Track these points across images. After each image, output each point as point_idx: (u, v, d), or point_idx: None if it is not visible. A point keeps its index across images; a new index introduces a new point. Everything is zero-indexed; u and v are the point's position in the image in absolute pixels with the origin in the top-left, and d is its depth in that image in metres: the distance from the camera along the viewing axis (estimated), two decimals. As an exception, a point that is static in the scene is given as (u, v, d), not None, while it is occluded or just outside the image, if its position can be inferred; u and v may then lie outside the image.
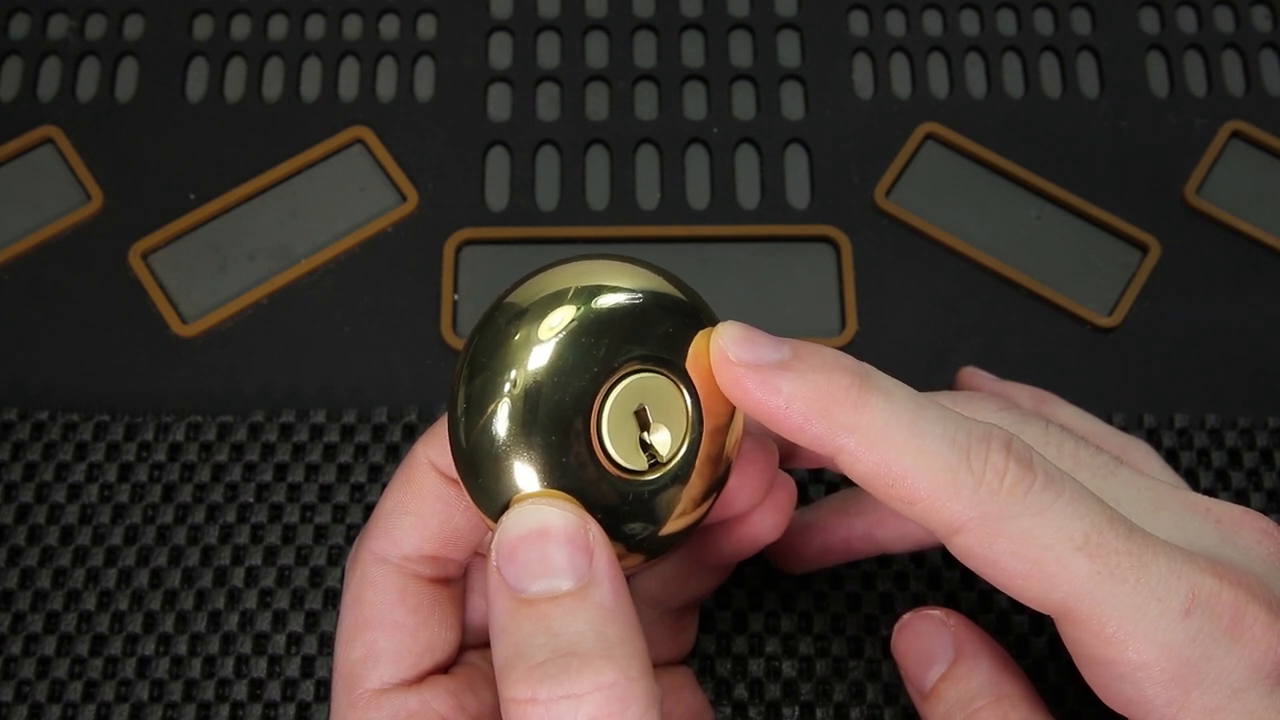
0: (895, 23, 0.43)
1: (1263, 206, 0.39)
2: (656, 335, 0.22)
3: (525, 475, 0.22)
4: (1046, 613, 0.22)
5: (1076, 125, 0.41)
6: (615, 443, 0.22)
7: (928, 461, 0.22)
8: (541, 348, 0.22)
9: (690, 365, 0.23)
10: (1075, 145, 0.40)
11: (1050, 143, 0.40)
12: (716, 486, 0.24)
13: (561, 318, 0.22)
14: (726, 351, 0.22)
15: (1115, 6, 0.43)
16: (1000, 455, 0.22)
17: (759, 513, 0.26)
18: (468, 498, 0.22)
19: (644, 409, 0.22)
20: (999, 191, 0.40)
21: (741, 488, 0.25)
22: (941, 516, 0.22)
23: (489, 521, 0.22)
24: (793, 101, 0.41)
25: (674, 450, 0.23)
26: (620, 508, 0.22)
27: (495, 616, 0.21)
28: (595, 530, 0.22)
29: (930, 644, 0.26)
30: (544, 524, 0.21)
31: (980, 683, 0.25)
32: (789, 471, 0.28)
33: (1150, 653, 0.21)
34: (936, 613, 0.26)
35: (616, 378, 0.22)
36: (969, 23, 0.43)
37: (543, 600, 0.21)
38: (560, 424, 0.22)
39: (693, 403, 0.23)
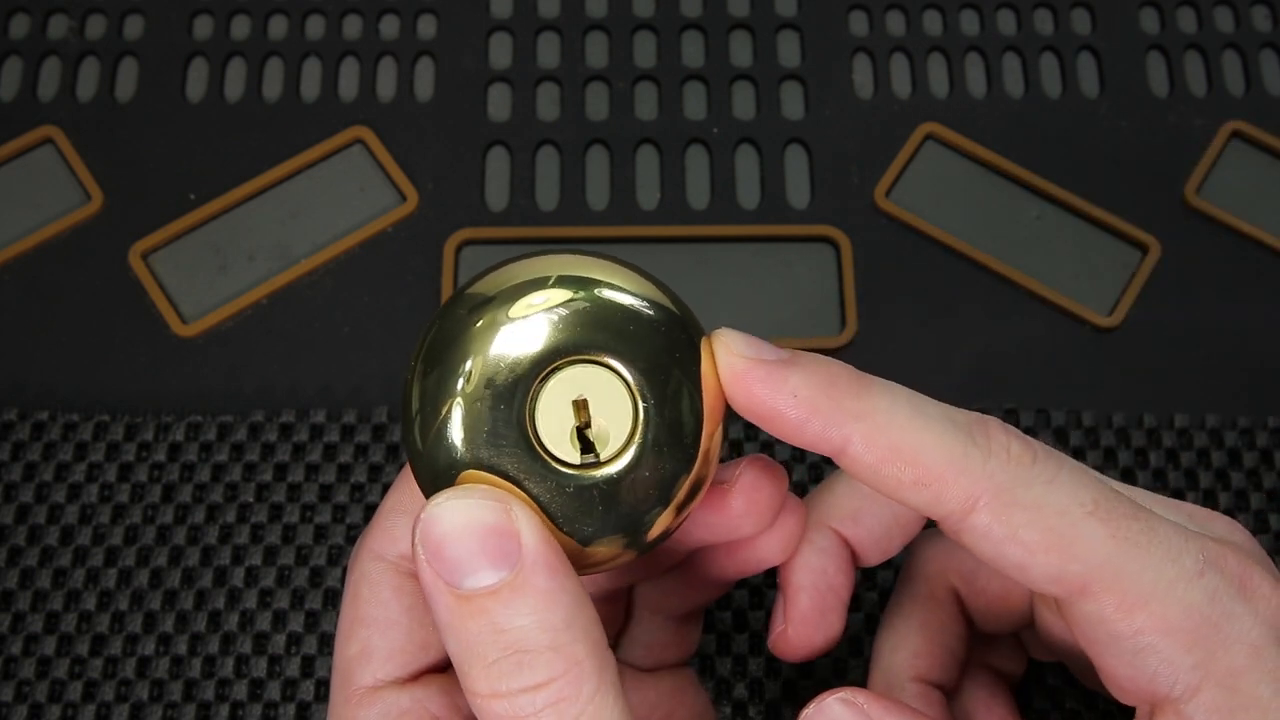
0: (895, 23, 0.43)
1: (1263, 206, 0.39)
2: (609, 330, 0.22)
3: (457, 459, 0.21)
4: (1061, 594, 0.22)
5: (1076, 125, 0.41)
6: (546, 428, 0.22)
7: (935, 440, 0.21)
8: (483, 335, 0.22)
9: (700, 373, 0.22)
10: (1075, 145, 0.40)
11: (1050, 143, 0.40)
12: (687, 494, 0.23)
13: (513, 310, 0.22)
14: (732, 349, 0.22)
15: (1115, 6, 0.43)
16: (999, 430, 0.22)
17: (766, 537, 0.26)
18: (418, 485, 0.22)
19: (584, 401, 0.22)
20: (999, 191, 0.40)
21: (748, 514, 0.25)
22: (955, 494, 0.21)
23: None
24: (793, 101, 0.41)
25: (620, 446, 0.22)
26: (563, 499, 0.22)
27: (438, 614, 0.21)
28: (520, 510, 0.21)
29: None
30: (464, 518, 0.21)
31: None
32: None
33: (1175, 613, 0.21)
34: (843, 693, 0.23)
35: (555, 366, 0.22)
36: (969, 23, 0.43)
37: (481, 595, 0.20)
38: (492, 408, 0.21)
39: (642, 401, 0.22)
